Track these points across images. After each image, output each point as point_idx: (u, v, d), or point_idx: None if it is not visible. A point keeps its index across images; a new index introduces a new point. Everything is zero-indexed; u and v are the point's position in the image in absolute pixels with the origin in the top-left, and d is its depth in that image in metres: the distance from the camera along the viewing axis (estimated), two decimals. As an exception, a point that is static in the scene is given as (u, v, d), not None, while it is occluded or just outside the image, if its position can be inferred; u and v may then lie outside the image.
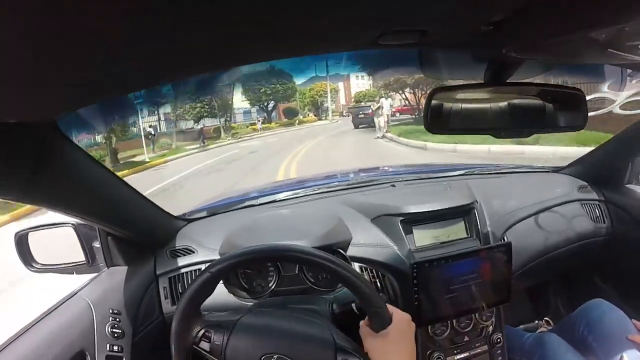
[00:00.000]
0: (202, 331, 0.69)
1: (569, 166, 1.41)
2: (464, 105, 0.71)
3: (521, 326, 1.37)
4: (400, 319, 0.70)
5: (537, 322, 1.45)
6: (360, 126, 14.77)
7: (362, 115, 14.71)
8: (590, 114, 0.78)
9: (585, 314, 1.07)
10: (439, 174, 1.34)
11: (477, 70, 0.73)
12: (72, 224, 0.98)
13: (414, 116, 13.95)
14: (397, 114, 15.88)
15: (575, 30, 0.46)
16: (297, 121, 23.32)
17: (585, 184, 1.32)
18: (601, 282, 1.38)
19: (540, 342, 1.06)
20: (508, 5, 0.43)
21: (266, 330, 0.69)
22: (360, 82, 26.04)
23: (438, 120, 0.69)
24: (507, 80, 0.71)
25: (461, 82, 0.73)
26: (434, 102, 0.68)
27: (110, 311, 0.87)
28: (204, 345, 0.69)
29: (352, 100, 25.16)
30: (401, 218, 1.03)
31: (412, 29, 0.48)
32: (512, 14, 0.45)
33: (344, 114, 23.35)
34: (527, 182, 1.30)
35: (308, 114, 25.17)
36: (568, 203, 1.23)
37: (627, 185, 1.29)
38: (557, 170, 1.42)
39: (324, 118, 24.66)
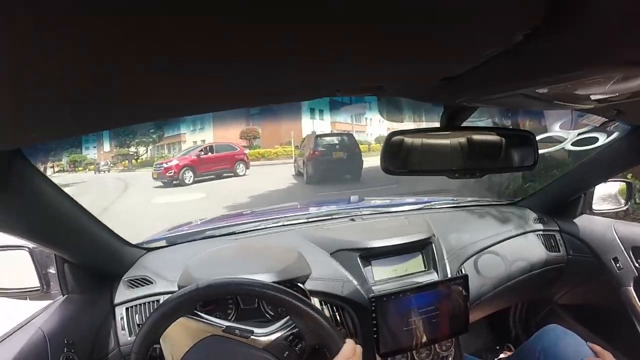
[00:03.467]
0: None
1: (525, 199, 1.47)
2: (421, 148, 0.74)
3: (482, 353, 1.41)
4: (348, 349, 0.71)
5: (497, 347, 1.49)
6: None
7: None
8: (543, 151, 0.82)
9: (540, 339, 1.10)
10: (397, 208, 1.37)
11: (434, 114, 0.77)
12: (28, 248, 0.94)
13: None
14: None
15: (522, 86, 0.49)
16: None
17: (541, 215, 1.38)
18: (559, 308, 1.44)
19: None
20: (458, 65, 0.45)
21: None
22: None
23: (395, 162, 0.71)
24: (462, 125, 0.75)
25: (417, 126, 0.76)
26: (391, 144, 0.70)
27: (65, 341, 0.84)
28: None
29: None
30: (360, 253, 1.05)
31: (368, 85, 0.50)
32: (463, 71, 0.47)
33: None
34: (484, 215, 1.35)
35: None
36: (524, 234, 1.28)
37: (580, 216, 1.36)
38: (513, 202, 1.48)
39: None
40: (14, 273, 0.99)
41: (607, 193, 1.37)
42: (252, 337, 0.75)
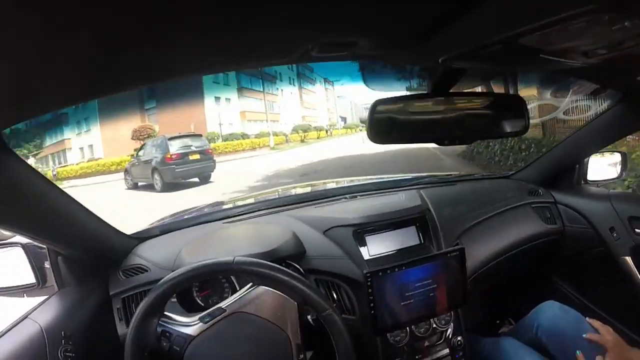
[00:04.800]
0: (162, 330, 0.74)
1: (518, 171, 1.46)
2: (408, 116, 0.73)
3: (481, 327, 1.40)
4: None
5: (497, 322, 1.49)
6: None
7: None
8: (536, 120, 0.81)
9: (538, 315, 1.11)
10: (391, 187, 1.36)
11: (420, 82, 0.76)
12: (20, 244, 0.94)
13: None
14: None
15: (504, 33, 0.48)
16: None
17: (535, 187, 1.37)
18: (559, 281, 1.44)
19: (497, 346, 1.08)
20: (430, 15, 0.44)
21: (223, 346, 0.72)
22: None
23: (381, 131, 0.70)
24: (451, 90, 0.74)
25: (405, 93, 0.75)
26: (377, 113, 0.69)
27: (63, 334, 0.83)
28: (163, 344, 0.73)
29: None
30: (353, 228, 1.05)
31: (342, 40, 0.49)
32: (437, 24, 0.46)
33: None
34: (477, 188, 1.34)
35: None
36: (519, 207, 1.27)
37: (576, 187, 1.35)
38: (507, 176, 1.47)
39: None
40: (9, 271, 0.99)
41: (602, 163, 1.36)
42: None
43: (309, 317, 0.83)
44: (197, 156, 7.69)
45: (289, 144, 16.79)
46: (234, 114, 16.45)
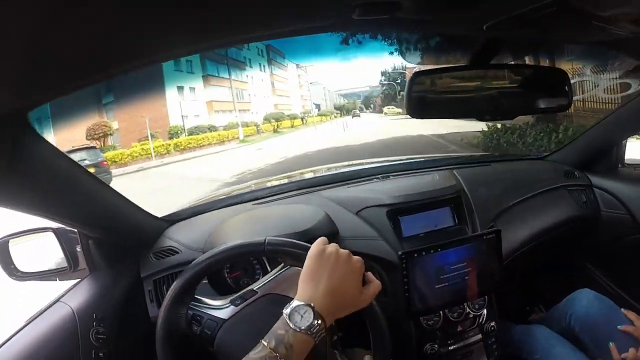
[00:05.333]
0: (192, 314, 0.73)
1: (554, 152, 1.40)
2: (448, 89, 0.70)
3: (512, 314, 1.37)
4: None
5: (527, 308, 1.45)
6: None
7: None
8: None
9: (572, 303, 1.07)
10: (424, 167, 1.33)
11: (460, 55, 0.73)
12: (53, 229, 0.95)
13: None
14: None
15: None
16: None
17: (572, 169, 1.31)
18: (593, 269, 1.39)
19: (528, 333, 1.06)
20: None
21: (255, 329, 0.67)
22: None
23: (420, 106, 0.67)
24: (491, 62, 0.71)
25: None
26: (415, 86, 0.67)
27: (94, 317, 0.84)
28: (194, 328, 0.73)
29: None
30: (387, 209, 1.02)
31: (385, 0, 0.46)
32: None
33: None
34: (513, 169, 1.30)
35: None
36: (554, 189, 1.23)
37: (613, 170, 1.30)
38: (542, 157, 1.42)
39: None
40: (42, 256, 1.01)
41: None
42: None
43: None
44: (92, 169, 7.86)
45: (260, 135, 15.80)
46: (200, 104, 15.01)
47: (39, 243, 1.00)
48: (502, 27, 0.58)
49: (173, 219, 1.11)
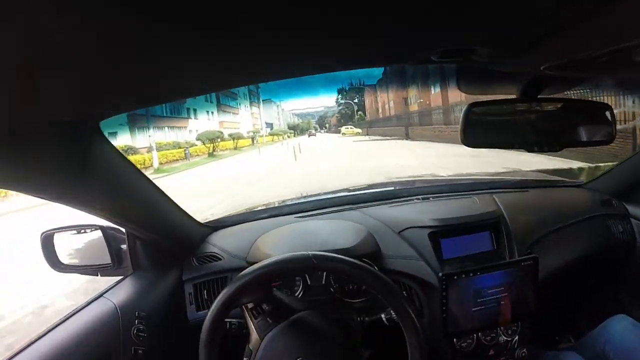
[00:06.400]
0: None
1: (592, 180, 1.40)
2: (498, 120, 0.73)
3: (541, 342, 1.35)
4: None
5: (557, 338, 1.43)
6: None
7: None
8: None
9: (607, 329, 1.05)
10: (464, 189, 1.34)
11: (510, 86, 0.76)
12: (100, 226, 0.99)
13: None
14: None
15: (611, 45, 0.48)
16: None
17: (609, 198, 1.31)
18: (629, 298, 1.37)
19: None
20: (551, 23, 0.45)
21: (303, 337, 0.73)
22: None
23: (474, 134, 0.70)
24: (539, 96, 0.74)
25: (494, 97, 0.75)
26: (471, 116, 0.70)
27: (137, 314, 0.87)
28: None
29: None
30: (429, 230, 1.03)
31: (463, 48, 0.50)
32: (553, 31, 0.47)
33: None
34: (551, 197, 1.30)
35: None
36: (591, 218, 1.22)
37: None
38: (580, 184, 1.42)
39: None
40: (87, 251, 1.05)
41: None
42: None
43: (382, 315, 0.83)
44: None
45: (188, 161, 12.90)
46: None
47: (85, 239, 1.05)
48: (557, 67, 0.61)
49: (216, 226, 1.15)
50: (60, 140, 0.53)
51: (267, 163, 11.38)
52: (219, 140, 14.77)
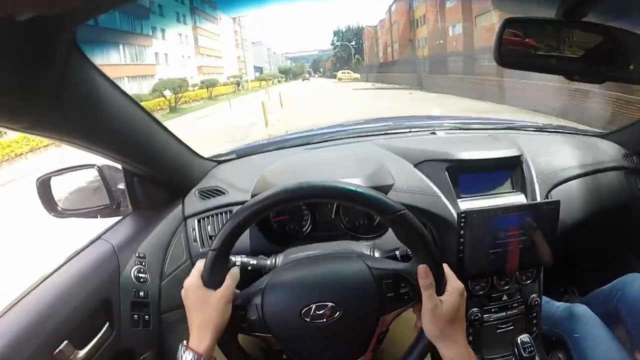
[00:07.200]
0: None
1: (614, 132, 1.33)
2: (539, 41, 0.66)
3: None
4: (455, 289, 0.63)
5: (561, 289, 1.43)
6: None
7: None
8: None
9: (621, 287, 1.04)
10: (480, 126, 1.27)
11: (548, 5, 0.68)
12: (96, 165, 0.93)
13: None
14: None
15: None
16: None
17: (631, 152, 1.25)
18: (636, 259, 1.34)
19: (570, 312, 1.04)
20: None
21: (299, 283, 0.65)
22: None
23: (509, 53, 0.64)
24: (583, 20, 0.67)
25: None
26: (506, 33, 0.63)
27: (136, 255, 0.84)
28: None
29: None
30: (447, 164, 0.97)
31: None
32: None
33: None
34: (571, 143, 1.23)
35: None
36: (613, 170, 1.17)
37: None
38: (601, 135, 1.36)
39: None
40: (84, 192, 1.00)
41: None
42: None
43: (397, 252, 0.80)
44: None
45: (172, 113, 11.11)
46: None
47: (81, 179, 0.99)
48: None
49: (220, 160, 1.09)
50: (31, 57, 0.43)
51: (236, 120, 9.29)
52: (180, 91, 11.56)
